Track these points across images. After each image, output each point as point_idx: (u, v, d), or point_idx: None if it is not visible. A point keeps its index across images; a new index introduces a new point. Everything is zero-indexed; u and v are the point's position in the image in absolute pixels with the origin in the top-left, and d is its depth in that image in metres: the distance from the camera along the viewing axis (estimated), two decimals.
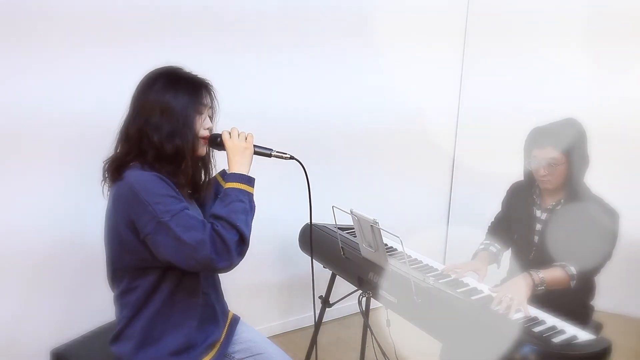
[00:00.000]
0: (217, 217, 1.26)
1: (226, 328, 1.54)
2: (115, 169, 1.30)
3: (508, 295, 1.49)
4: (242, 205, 1.29)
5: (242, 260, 1.30)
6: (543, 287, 1.55)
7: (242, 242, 1.27)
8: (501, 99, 3.06)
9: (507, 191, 2.00)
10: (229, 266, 1.25)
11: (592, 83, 2.89)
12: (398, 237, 1.50)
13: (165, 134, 1.27)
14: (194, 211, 1.38)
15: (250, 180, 1.34)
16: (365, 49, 2.75)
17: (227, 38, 2.28)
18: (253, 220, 1.34)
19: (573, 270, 1.61)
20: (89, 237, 1.97)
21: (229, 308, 1.61)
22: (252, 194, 1.34)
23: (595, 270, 1.68)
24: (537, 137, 1.74)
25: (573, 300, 1.70)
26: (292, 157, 1.44)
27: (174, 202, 1.23)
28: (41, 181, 1.95)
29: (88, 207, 1.94)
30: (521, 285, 1.53)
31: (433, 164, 3.27)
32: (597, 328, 1.76)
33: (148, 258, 1.26)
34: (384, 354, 1.78)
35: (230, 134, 1.38)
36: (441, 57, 3.12)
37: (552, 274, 1.59)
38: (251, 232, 1.30)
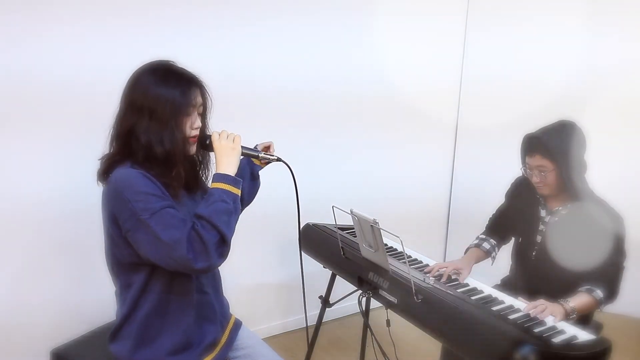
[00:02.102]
0: (199, 217, 1.24)
1: (228, 332, 1.53)
2: (106, 169, 1.31)
3: (544, 304, 1.48)
4: (226, 206, 1.27)
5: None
6: (574, 316, 1.53)
7: (223, 243, 1.24)
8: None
9: (512, 183, 1.98)
10: (208, 267, 1.22)
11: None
12: (398, 237, 1.50)
13: (154, 138, 1.26)
14: (186, 209, 1.37)
15: (236, 182, 1.32)
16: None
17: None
18: (238, 219, 1.33)
19: (600, 294, 1.60)
20: (89, 236, 1.97)
21: (231, 312, 1.61)
22: (238, 195, 1.32)
23: (619, 286, 1.66)
24: (528, 144, 1.75)
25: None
26: (279, 159, 1.43)
27: (156, 200, 1.22)
28: (39, 172, 1.95)
29: (89, 204, 1.94)
30: (556, 305, 1.52)
31: (432, 160, 3.25)
32: (597, 328, 1.76)
33: (135, 253, 1.27)
34: (384, 354, 1.78)
35: (219, 135, 1.37)
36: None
37: (581, 302, 1.57)
38: (234, 234, 1.28)
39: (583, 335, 1.36)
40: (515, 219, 1.94)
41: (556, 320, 1.45)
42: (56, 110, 1.93)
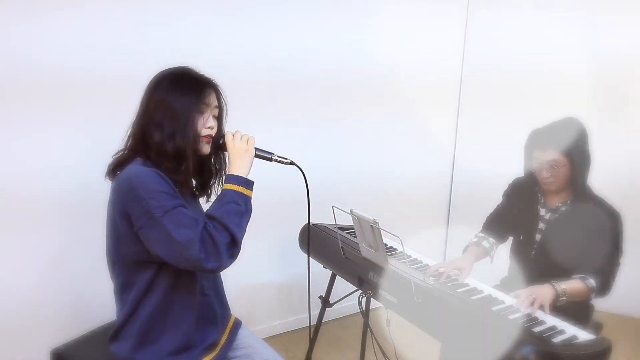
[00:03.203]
0: (211, 218, 1.27)
1: (228, 332, 1.54)
2: (117, 165, 1.34)
3: (532, 295, 1.49)
4: (237, 208, 1.30)
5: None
6: (564, 299, 1.54)
7: (234, 244, 1.27)
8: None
9: (510, 184, 1.99)
10: (218, 267, 1.25)
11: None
12: (398, 237, 1.50)
13: (166, 133, 1.28)
14: (194, 211, 1.39)
15: (248, 184, 1.34)
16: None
17: None
18: (249, 221, 1.34)
19: (593, 282, 1.61)
20: (90, 236, 1.97)
21: (231, 312, 1.61)
22: (250, 197, 1.34)
23: (612, 280, 1.67)
24: (538, 139, 1.74)
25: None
26: (292, 163, 1.45)
27: (169, 199, 1.24)
28: (40, 169, 1.95)
29: (91, 204, 1.94)
30: (545, 290, 1.53)
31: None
32: (597, 328, 1.76)
33: (143, 251, 1.27)
34: (384, 354, 1.78)
35: (233, 135, 1.39)
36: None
37: (573, 286, 1.58)
38: (244, 235, 1.30)
39: (583, 335, 1.36)
40: (513, 218, 1.94)
41: (545, 311, 1.45)
42: (71, 102, 1.93)
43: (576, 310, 1.61)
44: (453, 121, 3.29)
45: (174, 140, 1.28)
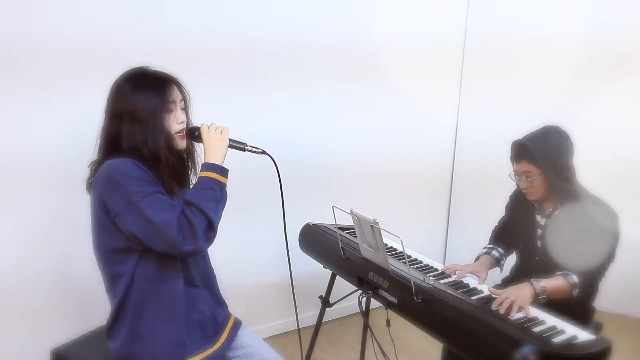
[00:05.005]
0: (188, 203, 1.31)
1: (228, 331, 1.54)
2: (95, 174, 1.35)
3: (510, 297, 1.48)
4: (213, 193, 1.34)
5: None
6: (545, 296, 1.55)
7: (210, 228, 1.31)
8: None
9: (510, 196, 2.02)
10: (195, 250, 1.29)
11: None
12: (398, 237, 1.50)
13: (139, 140, 1.32)
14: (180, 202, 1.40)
15: (223, 171, 1.39)
16: None
17: None
18: (224, 207, 1.38)
19: (575, 279, 1.60)
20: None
21: (229, 311, 1.62)
22: (225, 184, 1.39)
23: (599, 274, 1.67)
24: (514, 151, 1.77)
25: (573, 301, 1.70)
26: (264, 152, 1.50)
27: (147, 185, 1.28)
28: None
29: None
30: (523, 290, 1.53)
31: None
32: (597, 328, 1.75)
33: (122, 237, 1.31)
34: (384, 354, 1.78)
35: (208, 127, 1.43)
36: None
37: (553, 283, 1.57)
38: (220, 219, 1.35)
39: (583, 335, 1.36)
40: (516, 231, 1.96)
41: (527, 314, 1.45)
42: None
43: (576, 310, 1.61)
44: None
45: (146, 145, 1.32)
